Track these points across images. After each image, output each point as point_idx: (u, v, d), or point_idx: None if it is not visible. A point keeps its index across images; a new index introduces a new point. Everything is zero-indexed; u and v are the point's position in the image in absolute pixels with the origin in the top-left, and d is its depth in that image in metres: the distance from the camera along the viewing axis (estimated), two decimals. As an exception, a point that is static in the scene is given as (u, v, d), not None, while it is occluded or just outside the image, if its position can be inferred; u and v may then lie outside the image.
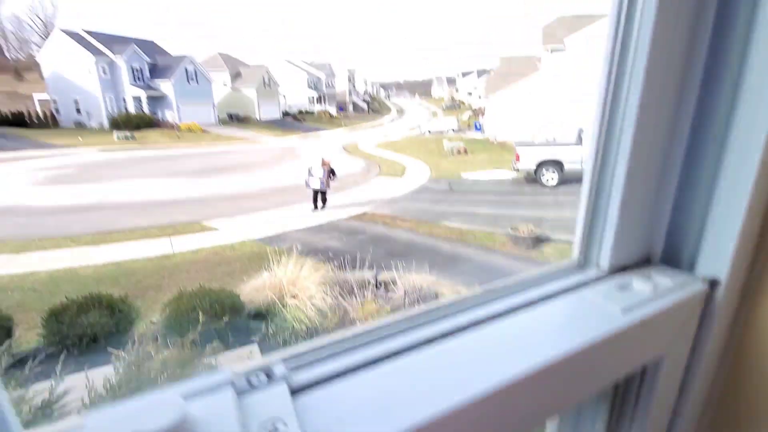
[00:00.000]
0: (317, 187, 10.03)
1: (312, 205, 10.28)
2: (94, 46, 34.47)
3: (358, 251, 7.15)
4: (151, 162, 21.24)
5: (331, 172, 10.20)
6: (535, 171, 13.26)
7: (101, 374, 2.45)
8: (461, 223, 9.28)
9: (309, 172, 10.07)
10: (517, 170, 13.60)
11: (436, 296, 5.23)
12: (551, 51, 20.92)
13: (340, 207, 11.27)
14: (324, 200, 10.37)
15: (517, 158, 13.36)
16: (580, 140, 13.32)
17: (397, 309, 4.56)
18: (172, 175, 17.32)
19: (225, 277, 6.25)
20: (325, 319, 4.34)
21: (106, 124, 33.88)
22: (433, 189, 13.82)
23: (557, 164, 13.01)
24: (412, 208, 11.09)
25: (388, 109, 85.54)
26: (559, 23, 22.93)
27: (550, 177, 13.05)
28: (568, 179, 13.13)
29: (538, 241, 7.56)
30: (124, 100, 35.52)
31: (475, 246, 7.69)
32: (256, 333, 4.23)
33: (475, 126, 37.76)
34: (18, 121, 33.06)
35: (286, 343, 4.09)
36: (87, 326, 3.68)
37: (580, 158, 12.89)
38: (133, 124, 32.77)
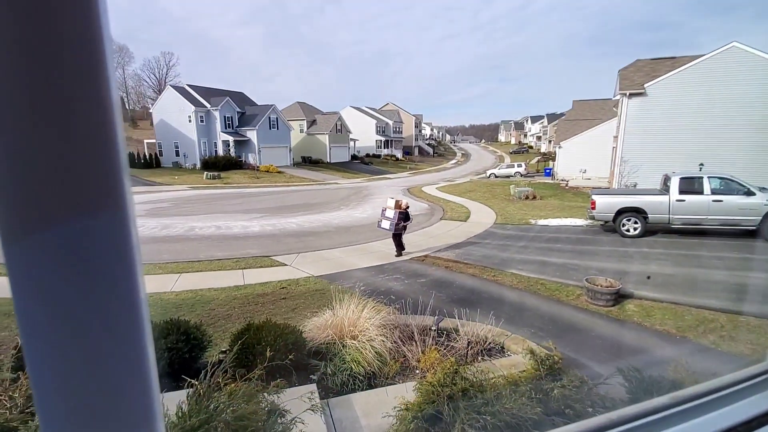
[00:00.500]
0: (387, 228, 10.14)
1: (395, 250, 10.45)
2: (194, 97, 40.52)
3: (420, 295, 7.13)
4: (230, 198, 23.74)
5: (404, 215, 10.13)
6: (614, 219, 12.30)
7: (175, 399, 2.54)
8: (529, 272, 8.94)
9: (383, 213, 10.23)
10: (593, 218, 12.74)
11: (503, 349, 4.91)
12: (629, 95, 19.98)
13: (408, 247, 11.60)
14: (399, 245, 10.38)
15: (593, 205, 12.56)
16: (666, 188, 12.16)
17: (460, 360, 4.34)
18: (248, 211, 19.09)
19: (289, 312, 6.55)
20: (384, 365, 4.26)
21: (198, 165, 38.70)
22: (499, 234, 13.60)
23: (639, 213, 11.94)
24: (477, 253, 11.00)
25: (453, 153, 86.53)
26: (636, 67, 21.99)
27: (631, 227, 11.98)
28: (652, 230, 11.97)
29: (619, 296, 6.88)
30: (215, 144, 40.59)
31: (544, 297, 7.29)
32: (315, 371, 4.27)
33: (545, 171, 36.72)
34: (129, 161, 39.68)
35: (344, 385, 4.07)
36: (165, 350, 3.90)
37: (666, 207, 11.72)
38: (221, 165, 37.14)
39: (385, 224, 10.16)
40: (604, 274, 8.50)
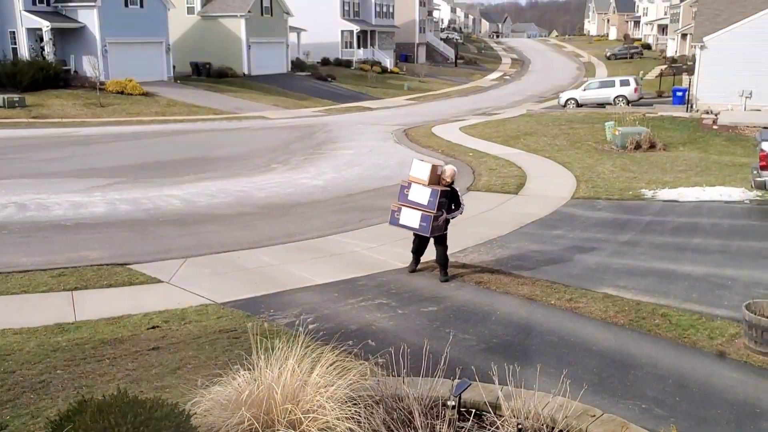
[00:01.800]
0: (414, 227, 9.63)
1: (411, 262, 10.35)
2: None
3: (426, 338, 7.10)
4: (47, 147, 23.37)
5: (451, 197, 9.65)
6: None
7: None
8: (639, 292, 9.10)
9: (403, 194, 9.57)
10: (763, 188, 12.98)
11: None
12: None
13: (398, 243, 11.78)
14: (420, 252, 10.29)
15: (764, 162, 12.79)
16: None
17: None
18: (83, 173, 18.89)
19: (167, 375, 6.51)
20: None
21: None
22: (582, 219, 13.75)
23: None
24: (537, 254, 11.13)
25: (495, 59, 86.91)
26: None
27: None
28: None
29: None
30: (13, 36, 39.31)
31: (667, 340, 7.44)
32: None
33: (674, 95, 37.19)
34: None
35: None
36: None
37: None
38: (25, 80, 35.93)
39: (410, 217, 9.49)
40: (781, 295, 8.61)
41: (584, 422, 5.29)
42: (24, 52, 37.86)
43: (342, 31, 63.65)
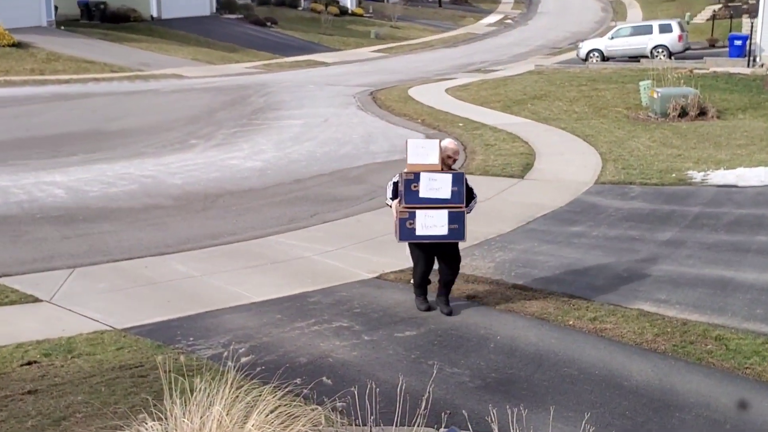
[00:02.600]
0: (443, 233, 8.85)
1: (422, 299, 9.48)
2: None
3: (402, 372, 7.06)
4: None
5: (467, 193, 9.02)
6: None
7: None
8: (685, 308, 9.20)
9: (409, 190, 8.80)
10: None
11: None
12: None
13: (363, 245, 11.74)
14: (452, 279, 9.44)
15: None
16: None
17: None
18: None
19: (48, 429, 6.37)
20: None
21: None
22: (608, 210, 13.91)
23: None
24: (546, 260, 11.19)
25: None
26: None
27: None
28: None
29: None
30: None
31: (723, 372, 7.50)
32: None
33: (731, 43, 37.66)
34: None
35: None
36: None
37: None
38: None
39: (432, 222, 8.78)
40: None
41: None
42: None
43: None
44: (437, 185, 8.75)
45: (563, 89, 28.43)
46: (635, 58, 38.17)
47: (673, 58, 37.13)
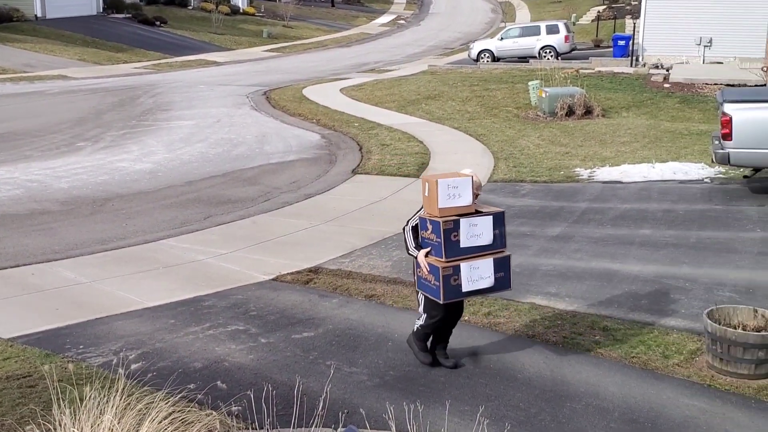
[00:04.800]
0: (490, 284, 7.59)
1: (427, 355, 7.99)
2: None
3: (298, 374, 7.12)
4: None
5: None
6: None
7: None
8: (574, 300, 9.42)
9: (450, 241, 7.37)
10: (726, 161, 13.78)
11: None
12: None
13: (259, 246, 11.69)
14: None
15: (727, 129, 13.56)
16: None
17: None
18: None
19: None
20: None
21: None
22: (499, 206, 13.77)
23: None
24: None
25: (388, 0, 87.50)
26: None
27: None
28: None
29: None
30: None
31: (611, 361, 7.73)
32: None
33: (614, 44, 38.82)
34: None
35: None
36: None
37: None
38: None
39: (478, 275, 7.60)
40: (752, 299, 9.10)
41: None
42: None
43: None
44: (478, 231, 7.56)
45: (456, 89, 28.82)
46: (524, 58, 38.95)
47: (560, 58, 38.01)
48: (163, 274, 10.76)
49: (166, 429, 5.08)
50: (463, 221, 7.31)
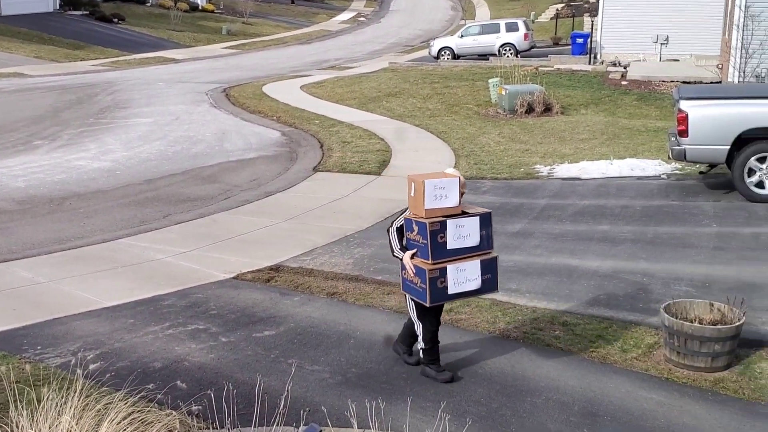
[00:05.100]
0: (477, 286, 7.49)
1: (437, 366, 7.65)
2: None
3: (260, 373, 7.11)
4: None
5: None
6: (731, 158, 13.68)
7: None
8: (534, 296, 9.50)
9: (436, 242, 7.17)
10: (682, 157, 13.97)
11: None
12: None
13: (219, 245, 11.63)
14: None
15: (683, 126, 13.74)
16: None
17: None
18: None
19: None
20: None
21: None
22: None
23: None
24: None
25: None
26: None
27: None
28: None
29: (747, 343, 7.57)
30: None
31: (570, 356, 7.81)
32: None
33: (573, 42, 39.20)
34: None
35: None
36: None
37: None
38: None
39: (465, 277, 7.49)
40: (708, 293, 9.25)
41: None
42: None
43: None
44: (465, 232, 7.40)
45: (417, 86, 28.89)
46: (484, 56, 39.16)
47: (519, 56, 38.26)
48: (121, 274, 10.65)
49: (125, 429, 5.04)
50: (449, 222, 7.18)
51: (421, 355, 7.49)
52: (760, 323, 8.37)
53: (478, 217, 7.36)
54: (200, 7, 63.52)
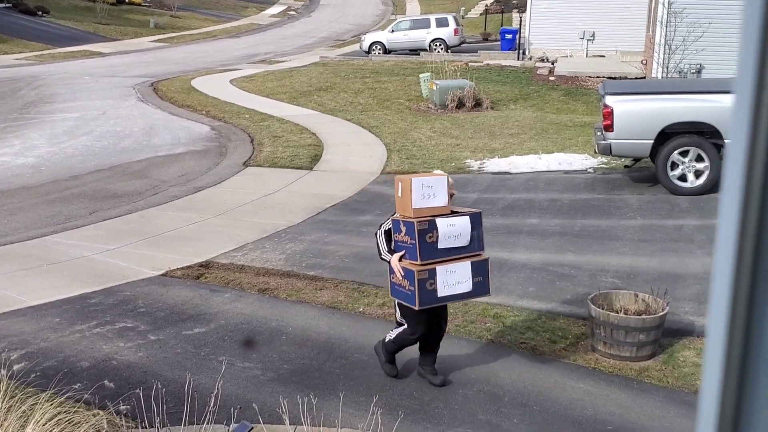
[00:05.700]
0: (467, 289, 7.28)
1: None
2: None
3: (189, 371, 7.06)
4: None
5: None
6: (655, 152, 13.98)
7: None
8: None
9: (425, 243, 7.05)
10: (607, 151, 14.23)
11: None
12: None
13: (147, 242, 11.46)
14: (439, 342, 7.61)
15: (608, 121, 13.98)
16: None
17: None
18: None
19: None
20: None
21: None
22: (393, 198, 14.08)
23: (714, 136, 13.75)
24: (336, 249, 11.37)
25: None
26: None
27: (692, 170, 13.76)
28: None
29: (671, 332, 7.79)
30: None
31: (501, 348, 7.92)
32: None
33: (502, 37, 39.65)
34: None
35: None
36: None
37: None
38: None
39: (455, 279, 7.26)
40: (633, 284, 9.51)
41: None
42: None
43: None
44: (456, 231, 7.20)
45: (348, 81, 28.85)
46: (415, 51, 39.28)
47: (450, 51, 38.46)
48: (47, 272, 10.43)
49: (51, 430, 4.96)
50: (440, 221, 7.03)
51: (386, 340, 7.32)
52: (683, 313, 8.60)
53: (468, 217, 7.25)
54: (127, 0, 62.44)
